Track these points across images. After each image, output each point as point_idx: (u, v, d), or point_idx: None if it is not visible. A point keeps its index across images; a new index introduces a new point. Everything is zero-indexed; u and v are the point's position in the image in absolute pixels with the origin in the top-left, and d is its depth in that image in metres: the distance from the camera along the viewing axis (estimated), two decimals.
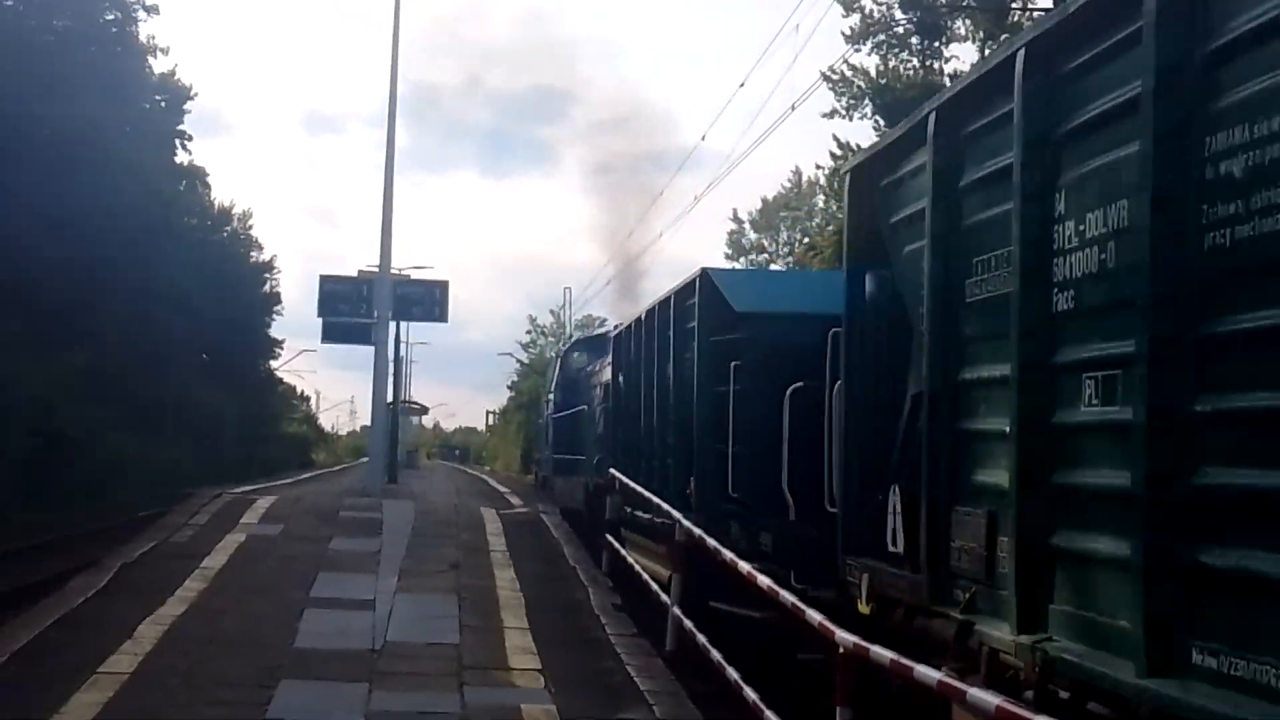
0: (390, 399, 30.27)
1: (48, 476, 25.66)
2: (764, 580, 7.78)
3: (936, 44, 35.58)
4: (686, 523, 10.16)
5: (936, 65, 35.53)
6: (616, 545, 13.58)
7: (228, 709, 7.61)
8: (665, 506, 11.16)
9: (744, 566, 8.23)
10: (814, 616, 6.62)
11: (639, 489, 12.70)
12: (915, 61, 35.83)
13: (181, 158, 42.08)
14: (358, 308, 23.93)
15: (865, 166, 7.65)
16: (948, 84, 32.70)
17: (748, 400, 10.13)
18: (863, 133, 37.97)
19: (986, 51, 33.56)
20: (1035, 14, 33.84)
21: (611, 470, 14.56)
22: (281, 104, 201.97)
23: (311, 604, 11.00)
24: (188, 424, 38.96)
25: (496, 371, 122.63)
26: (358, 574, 12.64)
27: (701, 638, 9.06)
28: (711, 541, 9.16)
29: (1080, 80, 5.00)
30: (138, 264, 32.82)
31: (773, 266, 59.47)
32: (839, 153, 36.79)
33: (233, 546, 14.16)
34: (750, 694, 7.46)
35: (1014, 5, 33.55)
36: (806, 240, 55.18)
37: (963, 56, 34.88)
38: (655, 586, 11.14)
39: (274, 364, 61.72)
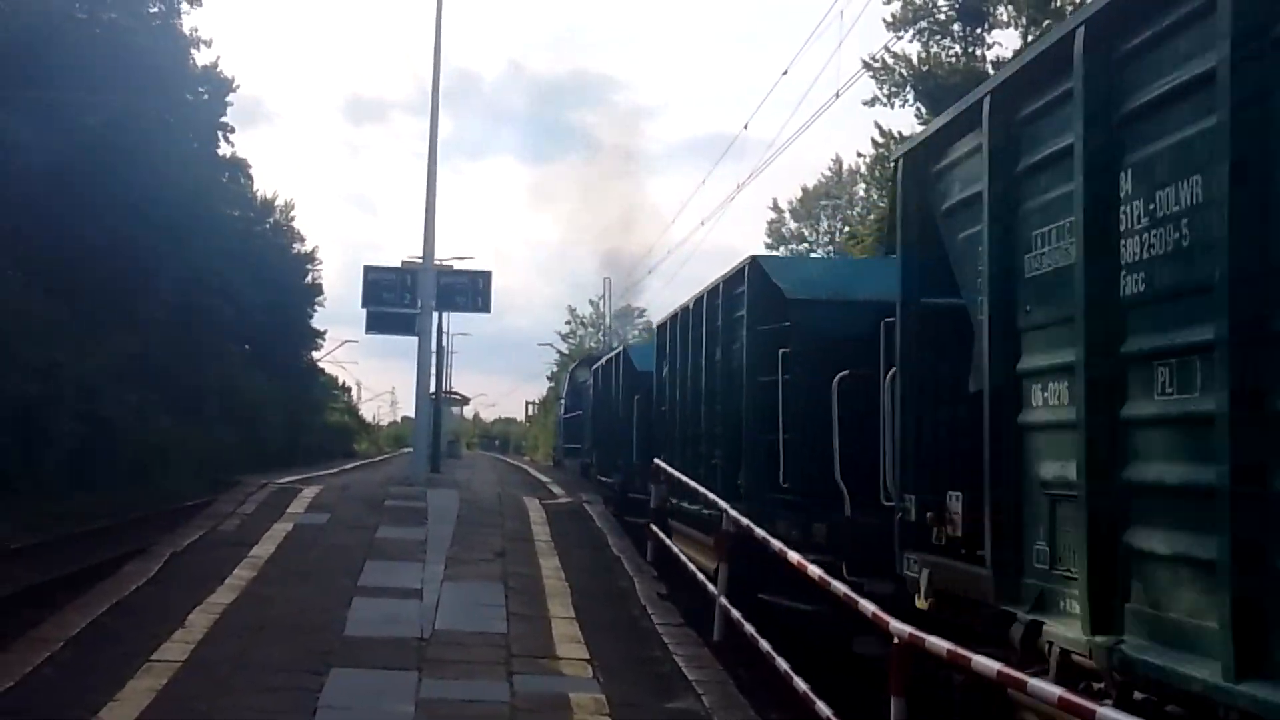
0: (433, 389, 30.40)
1: (94, 461, 25.95)
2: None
3: (979, 30, 35.29)
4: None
5: (979, 52, 35.26)
6: (662, 535, 13.61)
7: (280, 696, 7.67)
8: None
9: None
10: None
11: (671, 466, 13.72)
12: (957, 48, 35.58)
13: (224, 149, 42.35)
14: (401, 298, 23.98)
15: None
16: (990, 71, 32.53)
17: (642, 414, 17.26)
18: (904, 120, 37.72)
19: (1029, 38, 33.29)
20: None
21: (658, 461, 14.93)
22: (322, 92, 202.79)
23: (360, 592, 11.08)
24: (231, 413, 39.19)
25: (537, 361, 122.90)
26: (405, 562, 12.72)
27: (749, 627, 9.05)
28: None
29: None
30: (182, 253, 33.12)
31: (813, 255, 59.41)
32: (880, 140, 36.60)
33: (281, 535, 14.27)
34: (800, 684, 7.45)
35: None
36: (847, 230, 54.99)
37: (1005, 43, 34.61)
38: (702, 577, 11.15)
39: (316, 355, 62.15)
